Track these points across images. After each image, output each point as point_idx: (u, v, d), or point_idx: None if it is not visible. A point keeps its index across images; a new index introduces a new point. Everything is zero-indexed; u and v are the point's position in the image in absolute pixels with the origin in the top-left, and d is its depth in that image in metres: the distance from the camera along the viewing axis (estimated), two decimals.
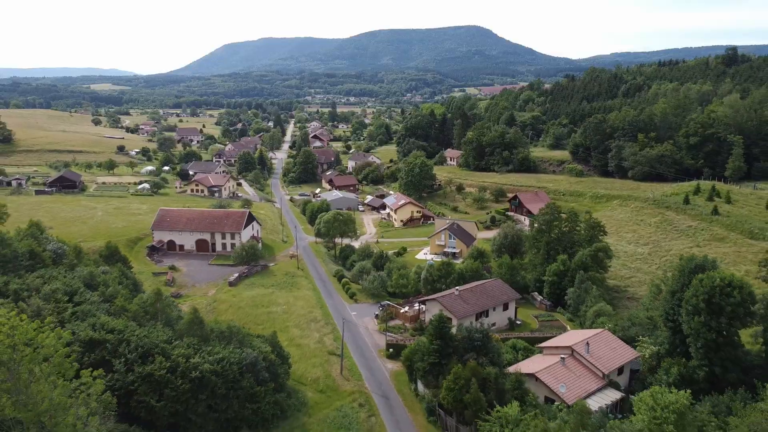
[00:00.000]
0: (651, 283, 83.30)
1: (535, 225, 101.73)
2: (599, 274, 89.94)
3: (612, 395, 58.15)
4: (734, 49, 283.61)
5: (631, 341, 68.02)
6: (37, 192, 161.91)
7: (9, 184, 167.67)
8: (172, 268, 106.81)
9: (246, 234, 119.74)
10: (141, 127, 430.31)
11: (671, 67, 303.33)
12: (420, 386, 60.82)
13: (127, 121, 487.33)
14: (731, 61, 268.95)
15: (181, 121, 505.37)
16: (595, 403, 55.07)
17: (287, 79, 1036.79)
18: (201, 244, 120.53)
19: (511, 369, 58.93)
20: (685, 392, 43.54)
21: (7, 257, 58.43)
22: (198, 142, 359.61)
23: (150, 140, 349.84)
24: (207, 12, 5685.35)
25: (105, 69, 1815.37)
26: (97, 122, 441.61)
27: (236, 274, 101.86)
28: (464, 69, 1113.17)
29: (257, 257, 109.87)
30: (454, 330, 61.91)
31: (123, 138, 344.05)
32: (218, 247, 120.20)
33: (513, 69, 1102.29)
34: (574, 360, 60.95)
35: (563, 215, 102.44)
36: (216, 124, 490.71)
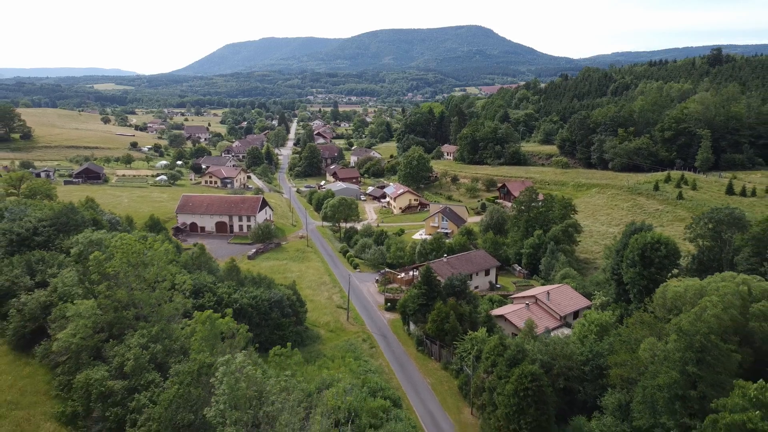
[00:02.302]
0: (605, 247, 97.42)
1: (515, 206, 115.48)
2: (569, 246, 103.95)
3: (567, 332, 71.94)
4: (719, 49, 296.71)
5: (588, 296, 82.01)
6: (66, 182, 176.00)
7: (38, 175, 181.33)
8: (196, 245, 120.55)
9: (260, 217, 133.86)
10: (149, 125, 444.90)
11: (659, 67, 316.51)
12: (411, 327, 74.84)
13: (134, 119, 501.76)
14: (715, 61, 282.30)
15: (186, 120, 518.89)
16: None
17: (289, 79, 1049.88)
18: (220, 226, 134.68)
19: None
20: (608, 313, 57.60)
21: (77, 222, 72.41)
22: (206, 139, 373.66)
23: (160, 137, 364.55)
24: (208, 12, 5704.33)
25: (107, 69, 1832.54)
26: (106, 121, 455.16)
27: (254, 250, 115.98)
28: (465, 69, 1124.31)
29: (272, 236, 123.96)
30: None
31: (133, 135, 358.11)
32: (236, 229, 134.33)
33: (514, 69, 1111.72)
34: (537, 306, 74.95)
35: (540, 196, 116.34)
36: (221, 122, 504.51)
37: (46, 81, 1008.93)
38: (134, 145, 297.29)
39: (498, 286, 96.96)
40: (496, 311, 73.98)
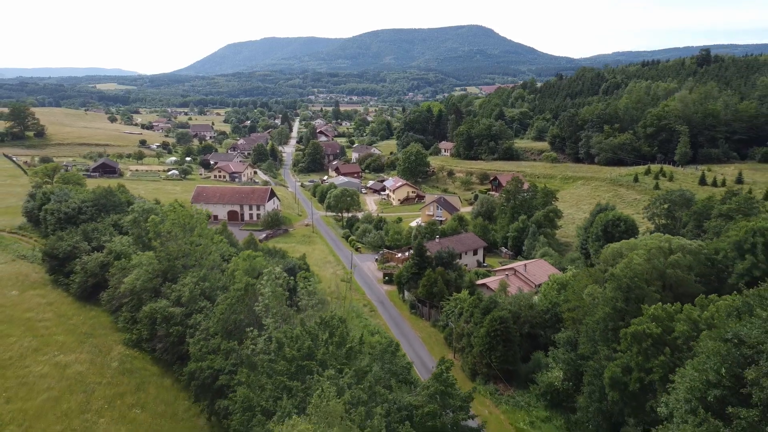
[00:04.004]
0: (577, 227, 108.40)
1: (503, 195, 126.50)
2: (550, 230, 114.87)
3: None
4: (707, 50, 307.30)
5: (563, 271, 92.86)
6: (84, 176, 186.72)
7: None
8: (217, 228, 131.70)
9: (269, 206, 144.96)
10: (155, 124, 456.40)
11: (650, 67, 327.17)
12: (405, 294, 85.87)
13: (139, 119, 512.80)
14: (703, 61, 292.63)
15: (190, 119, 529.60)
16: None
17: (290, 79, 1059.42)
18: (232, 215, 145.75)
19: None
20: (569, 274, 68.53)
21: (115, 203, 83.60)
22: (211, 137, 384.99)
23: (167, 136, 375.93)
24: (210, 12, 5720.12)
25: (108, 69, 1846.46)
26: (112, 120, 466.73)
27: (264, 235, 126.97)
28: (466, 68, 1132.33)
29: (280, 223, 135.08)
30: None
31: (141, 134, 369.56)
32: (246, 217, 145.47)
33: (514, 68, 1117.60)
34: (515, 276, 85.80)
35: (525, 185, 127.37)
36: (224, 121, 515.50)
37: (49, 81, 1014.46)
38: (143, 143, 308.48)
39: (485, 264, 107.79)
40: (479, 281, 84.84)
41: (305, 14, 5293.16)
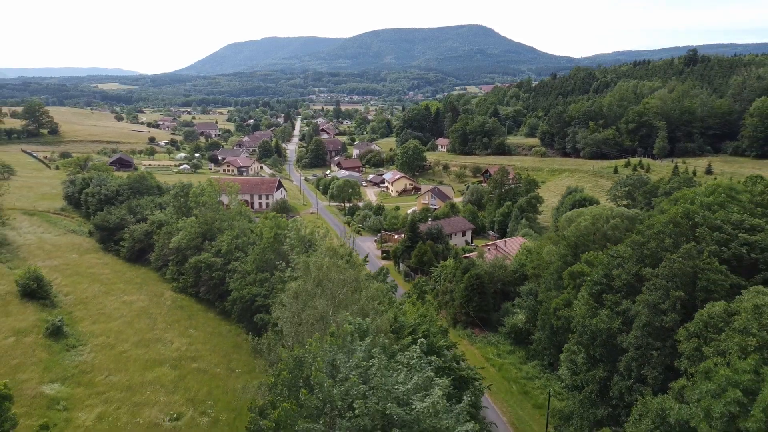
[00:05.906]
0: (552, 208, 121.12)
1: (490, 184, 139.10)
2: (532, 214, 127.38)
3: None
4: (694, 50, 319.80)
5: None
6: None
7: None
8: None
9: (277, 195, 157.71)
10: (160, 122, 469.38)
11: (640, 67, 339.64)
12: (401, 266, 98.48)
13: (143, 118, 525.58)
14: (690, 61, 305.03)
15: (194, 118, 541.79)
16: None
17: (291, 78, 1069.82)
18: (243, 203, 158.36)
19: None
20: (538, 242, 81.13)
21: (148, 186, 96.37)
22: (216, 135, 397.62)
23: (173, 133, 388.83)
24: (210, 12, 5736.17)
25: (109, 68, 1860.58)
26: (119, 119, 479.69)
27: None
28: (466, 68, 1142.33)
29: (288, 210, 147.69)
30: None
31: (149, 132, 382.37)
32: (256, 206, 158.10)
33: (514, 68, 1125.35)
34: (496, 250, 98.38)
35: (511, 174, 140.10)
36: (227, 120, 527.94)
37: (51, 81, 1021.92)
38: (152, 140, 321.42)
39: (472, 244, 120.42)
40: (464, 255, 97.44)
41: (306, 14, 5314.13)
